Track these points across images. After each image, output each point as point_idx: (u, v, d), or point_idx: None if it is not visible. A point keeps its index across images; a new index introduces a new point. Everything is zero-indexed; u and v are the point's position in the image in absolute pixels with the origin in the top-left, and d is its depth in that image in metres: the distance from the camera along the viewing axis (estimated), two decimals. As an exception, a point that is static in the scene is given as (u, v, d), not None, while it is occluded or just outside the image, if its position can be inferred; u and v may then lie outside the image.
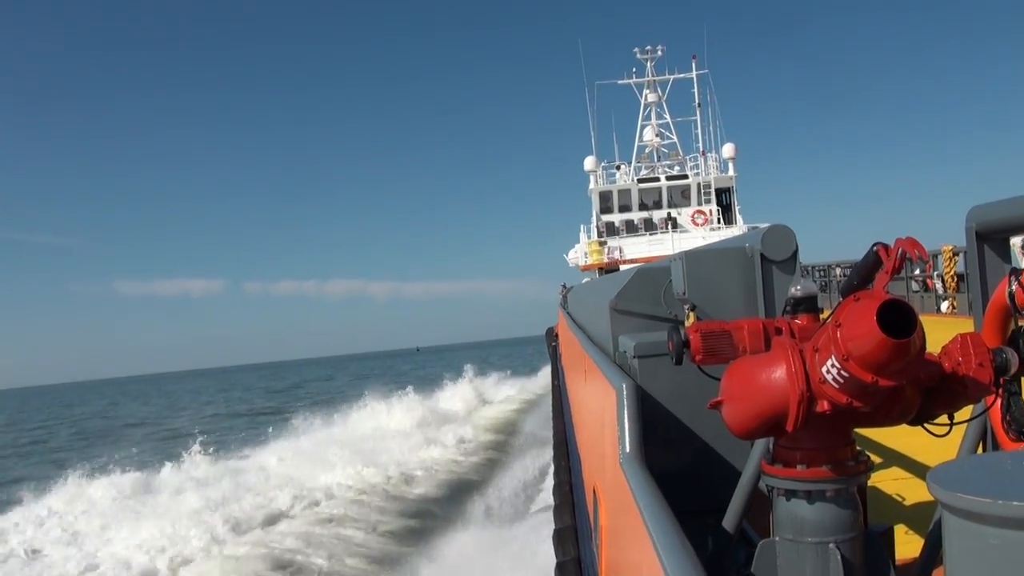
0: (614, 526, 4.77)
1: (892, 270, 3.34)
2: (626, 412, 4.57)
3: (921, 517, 5.64)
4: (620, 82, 57.24)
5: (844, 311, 3.09)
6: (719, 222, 50.91)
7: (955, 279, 26.87)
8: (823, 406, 3.22)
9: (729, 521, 4.55)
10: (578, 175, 55.46)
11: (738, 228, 49.55)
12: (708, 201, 51.55)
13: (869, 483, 6.36)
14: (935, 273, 29.55)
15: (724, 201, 52.97)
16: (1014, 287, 3.54)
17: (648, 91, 56.70)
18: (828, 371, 3.13)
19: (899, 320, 2.90)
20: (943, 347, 3.49)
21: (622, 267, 45.68)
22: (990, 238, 4.34)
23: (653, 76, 56.82)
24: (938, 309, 28.53)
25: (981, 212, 4.30)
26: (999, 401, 3.61)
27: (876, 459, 7.59)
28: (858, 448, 3.59)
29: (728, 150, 53.36)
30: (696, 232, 49.59)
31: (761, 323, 3.69)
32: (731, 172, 53.03)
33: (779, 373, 3.29)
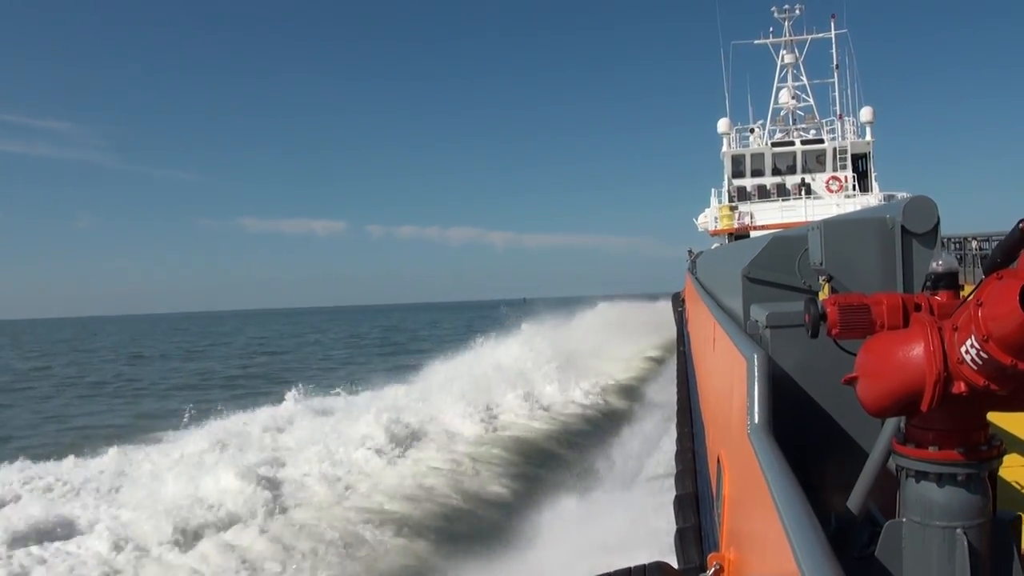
0: (738, 496, 4.76)
1: None
2: (756, 383, 4.54)
3: None
4: (756, 42, 55.99)
5: (986, 290, 3.01)
6: (854, 189, 49.37)
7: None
8: (960, 387, 3.16)
9: (854, 500, 4.48)
10: (711, 137, 54.61)
11: (874, 196, 48.10)
12: (844, 167, 50.05)
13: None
14: None
15: (860, 167, 51.34)
16: None
17: (785, 52, 55.27)
18: (967, 351, 3.06)
19: None
20: None
21: (752, 233, 44.89)
22: None
23: (791, 36, 55.32)
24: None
25: None
26: None
27: None
28: (991, 432, 3.51)
29: (866, 114, 51.60)
30: (830, 199, 48.32)
31: (900, 298, 3.62)
32: (868, 137, 51.30)
33: (917, 351, 3.24)
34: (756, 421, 4.29)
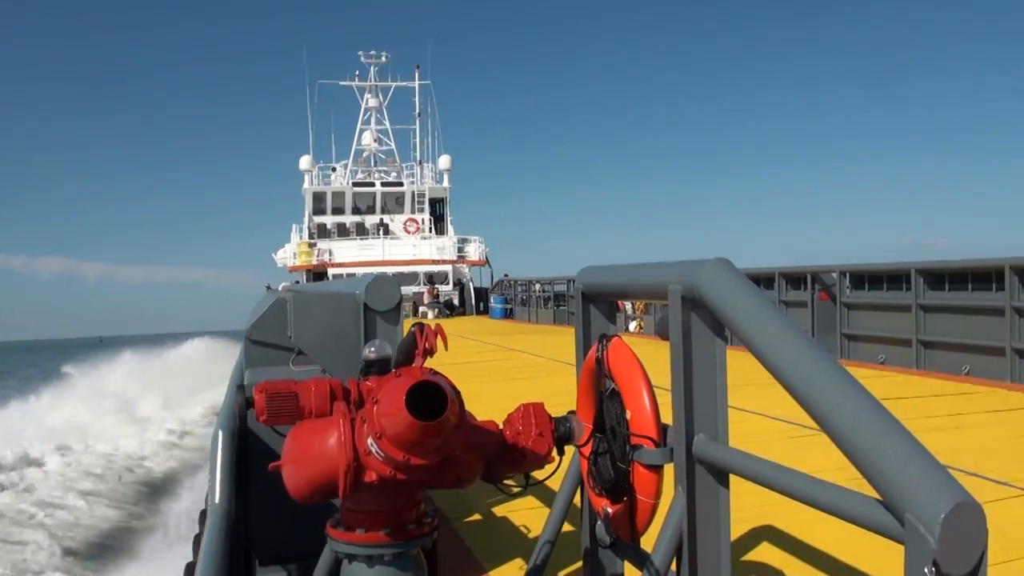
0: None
1: (424, 352, 3.43)
2: (218, 461, 4.43)
3: None
4: (342, 83, 57.27)
5: (383, 387, 3.12)
6: (431, 231, 51.77)
7: (643, 303, 28.94)
8: (371, 476, 3.23)
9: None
10: (294, 172, 54.77)
11: (449, 238, 50.74)
12: (421, 210, 52.38)
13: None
14: None
15: (438, 211, 53.98)
16: (603, 352, 3.69)
17: (370, 95, 56.97)
18: (372, 444, 3.15)
19: (432, 400, 2.95)
20: (507, 415, 3.63)
21: (331, 271, 45.47)
22: (596, 300, 4.42)
23: (376, 81, 57.11)
24: (627, 328, 30.72)
25: (587, 275, 4.36)
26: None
27: None
28: (426, 508, 3.65)
29: (444, 162, 54.44)
30: (407, 239, 50.33)
31: (328, 385, 3.66)
32: (446, 183, 54.11)
33: (332, 441, 3.28)
34: (216, 501, 4.18)
